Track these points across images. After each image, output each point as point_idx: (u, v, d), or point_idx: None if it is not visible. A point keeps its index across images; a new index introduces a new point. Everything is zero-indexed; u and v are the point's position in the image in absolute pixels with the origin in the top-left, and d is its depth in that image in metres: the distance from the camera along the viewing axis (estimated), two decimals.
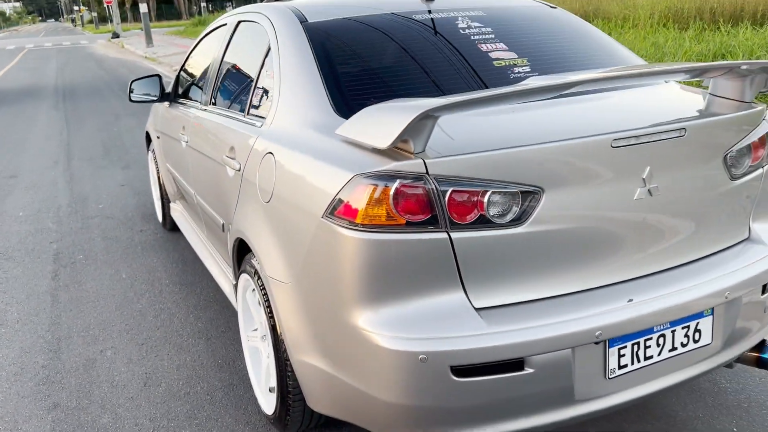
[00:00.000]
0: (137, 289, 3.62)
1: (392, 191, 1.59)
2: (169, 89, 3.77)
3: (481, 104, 1.61)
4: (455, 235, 1.62)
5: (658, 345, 1.81)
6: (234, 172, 2.42)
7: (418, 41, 2.25)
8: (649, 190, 1.78)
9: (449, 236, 1.62)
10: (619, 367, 1.76)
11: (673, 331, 1.82)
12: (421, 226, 1.61)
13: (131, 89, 3.73)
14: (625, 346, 1.76)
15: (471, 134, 1.75)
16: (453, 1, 2.59)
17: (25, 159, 7.35)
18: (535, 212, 1.67)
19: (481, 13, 2.49)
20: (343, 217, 1.66)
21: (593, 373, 1.72)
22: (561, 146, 1.67)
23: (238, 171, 2.37)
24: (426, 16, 2.41)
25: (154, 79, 3.77)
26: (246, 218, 2.24)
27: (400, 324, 1.62)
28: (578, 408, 1.73)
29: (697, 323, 1.86)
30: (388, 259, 1.61)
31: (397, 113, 1.59)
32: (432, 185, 1.60)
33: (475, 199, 1.62)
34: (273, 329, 2.06)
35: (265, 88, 2.39)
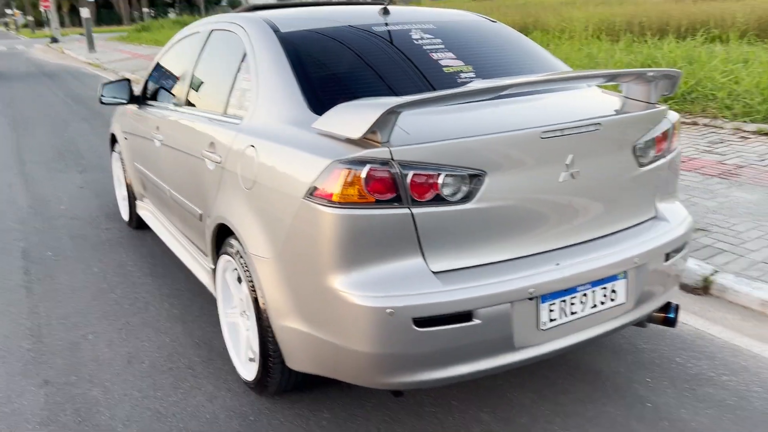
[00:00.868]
0: (110, 281, 3.82)
1: (363, 174, 1.93)
2: (138, 92, 4.00)
3: (436, 102, 2.01)
4: (416, 211, 1.97)
5: (582, 303, 2.20)
6: (214, 165, 2.70)
7: (379, 50, 2.60)
8: (571, 173, 2.18)
9: (411, 212, 1.97)
10: (550, 320, 2.14)
11: (594, 291, 2.22)
12: (388, 204, 1.95)
13: (102, 93, 3.94)
14: (554, 303, 2.14)
15: (427, 128, 2.11)
16: (406, 16, 2.95)
17: None
18: (480, 191, 2.03)
19: (432, 26, 2.85)
20: (322, 197, 1.98)
21: (529, 324, 2.10)
22: (500, 137, 2.05)
23: (218, 164, 2.65)
24: (384, 28, 2.76)
25: (124, 83, 4.01)
26: (228, 204, 2.53)
27: (371, 284, 1.96)
28: (517, 354, 2.11)
29: (613, 285, 2.26)
30: (360, 231, 1.95)
31: (367, 109, 1.93)
32: (396, 169, 1.94)
33: (432, 181, 1.97)
34: (255, 301, 2.35)
35: (242, 90, 2.69)
